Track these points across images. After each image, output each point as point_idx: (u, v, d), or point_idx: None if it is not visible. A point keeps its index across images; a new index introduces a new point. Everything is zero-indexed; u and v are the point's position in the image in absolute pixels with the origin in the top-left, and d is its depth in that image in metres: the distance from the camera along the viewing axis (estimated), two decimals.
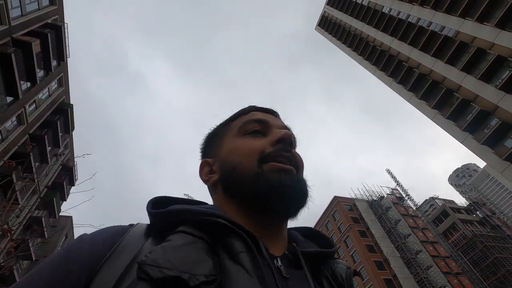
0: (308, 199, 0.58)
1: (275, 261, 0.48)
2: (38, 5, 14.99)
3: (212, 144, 0.71)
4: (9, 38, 12.53)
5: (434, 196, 49.22)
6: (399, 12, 27.26)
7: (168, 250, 0.40)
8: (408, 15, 26.05)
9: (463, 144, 19.90)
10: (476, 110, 18.71)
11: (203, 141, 0.75)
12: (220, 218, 0.46)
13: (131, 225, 0.52)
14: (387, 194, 34.24)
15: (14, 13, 13.21)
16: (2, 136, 13.65)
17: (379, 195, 33.65)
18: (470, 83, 19.86)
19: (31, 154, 14.94)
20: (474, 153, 19.54)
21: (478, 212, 40.78)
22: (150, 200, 0.55)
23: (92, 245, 0.45)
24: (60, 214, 23.16)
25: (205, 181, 0.67)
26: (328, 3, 40.41)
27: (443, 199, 47.18)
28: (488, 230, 36.25)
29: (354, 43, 33.62)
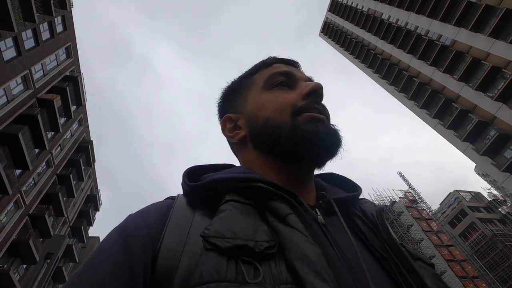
0: (341, 147, 0.59)
1: (314, 212, 0.50)
2: (57, 62, 16.98)
3: (234, 98, 0.69)
4: (35, 99, 14.51)
5: (459, 190, 47.67)
6: (397, 20, 27.45)
7: (226, 221, 0.42)
8: (406, 23, 26.22)
9: (465, 154, 20.01)
10: (475, 120, 18.83)
11: (221, 95, 0.73)
12: (260, 182, 0.49)
13: (172, 198, 0.53)
14: (400, 197, 34.21)
15: (38, 75, 15.19)
16: (34, 181, 15.73)
17: (390, 199, 33.73)
18: (468, 93, 19.96)
19: (59, 193, 17.00)
20: (476, 164, 19.64)
21: (500, 209, 39.43)
22: (185, 172, 0.56)
23: (146, 225, 0.45)
24: (89, 236, 25.49)
25: (230, 138, 0.66)
26: (330, 10, 40.81)
27: (469, 192, 45.77)
28: (510, 228, 35.09)
29: (356, 50, 33.91)
